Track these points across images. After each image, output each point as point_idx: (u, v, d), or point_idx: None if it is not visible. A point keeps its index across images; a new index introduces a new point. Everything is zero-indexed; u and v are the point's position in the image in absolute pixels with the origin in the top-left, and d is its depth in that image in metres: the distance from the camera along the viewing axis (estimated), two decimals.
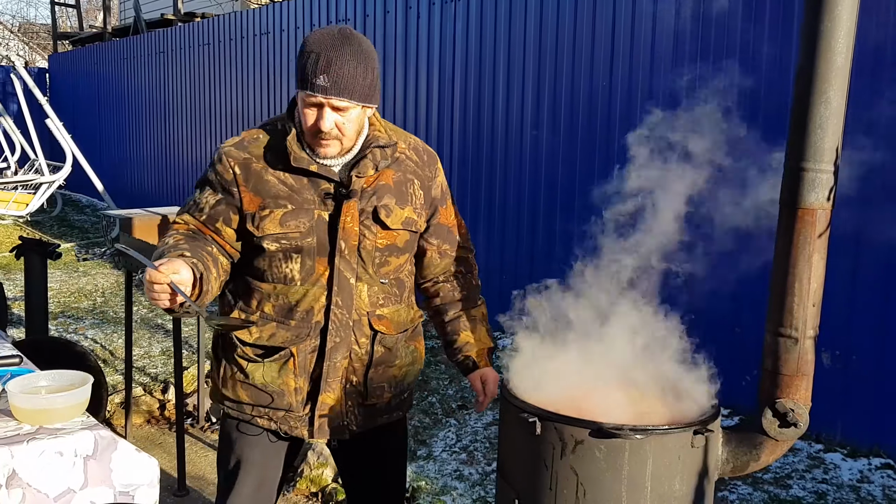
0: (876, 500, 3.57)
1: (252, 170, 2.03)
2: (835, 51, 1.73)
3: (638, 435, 1.70)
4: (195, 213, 2.09)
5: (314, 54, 1.90)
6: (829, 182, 1.78)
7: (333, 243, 2.03)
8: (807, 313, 1.81)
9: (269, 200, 2.02)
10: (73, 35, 17.16)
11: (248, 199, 2.03)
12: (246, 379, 2.12)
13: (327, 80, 1.90)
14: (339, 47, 1.91)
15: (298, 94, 1.98)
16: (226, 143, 2.10)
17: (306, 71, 1.91)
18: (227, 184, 2.05)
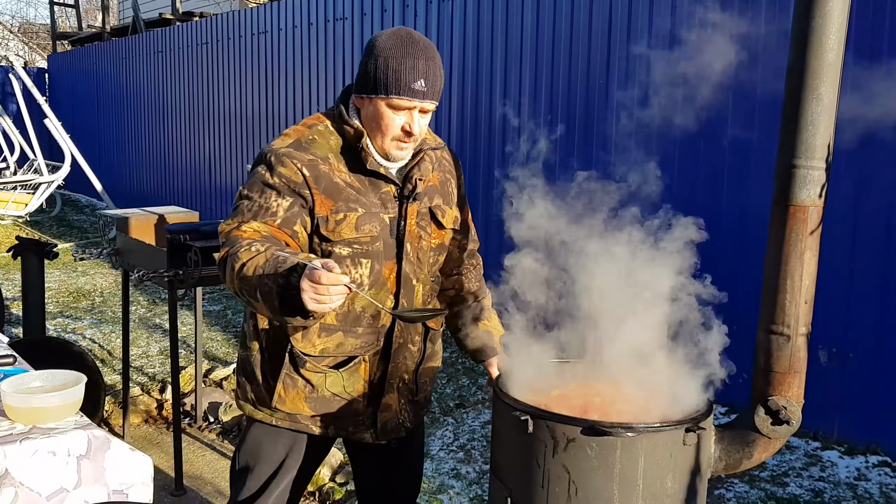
0: (873, 497, 3.57)
1: (321, 171, 1.97)
2: (826, 47, 1.73)
3: (629, 433, 1.70)
4: (267, 219, 1.93)
5: (408, 59, 1.90)
6: (820, 179, 1.77)
7: (399, 246, 2.06)
8: (799, 310, 1.81)
9: (341, 203, 1.98)
10: (71, 35, 17.16)
11: (320, 202, 1.97)
12: (313, 392, 2.09)
13: (425, 85, 1.93)
14: (427, 51, 1.94)
15: (379, 100, 1.94)
16: (278, 145, 1.99)
17: (402, 76, 1.90)
18: (297, 186, 1.95)
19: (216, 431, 4.58)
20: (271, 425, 2.15)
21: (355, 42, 7.36)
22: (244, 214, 1.94)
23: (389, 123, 1.96)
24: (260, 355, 2.12)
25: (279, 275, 1.71)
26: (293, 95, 8.44)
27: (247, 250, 1.82)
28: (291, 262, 1.72)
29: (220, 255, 1.90)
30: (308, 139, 2.00)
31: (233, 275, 1.81)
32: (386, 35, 1.95)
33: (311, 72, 8.08)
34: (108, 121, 13.39)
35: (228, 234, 1.93)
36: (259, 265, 1.76)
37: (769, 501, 3.52)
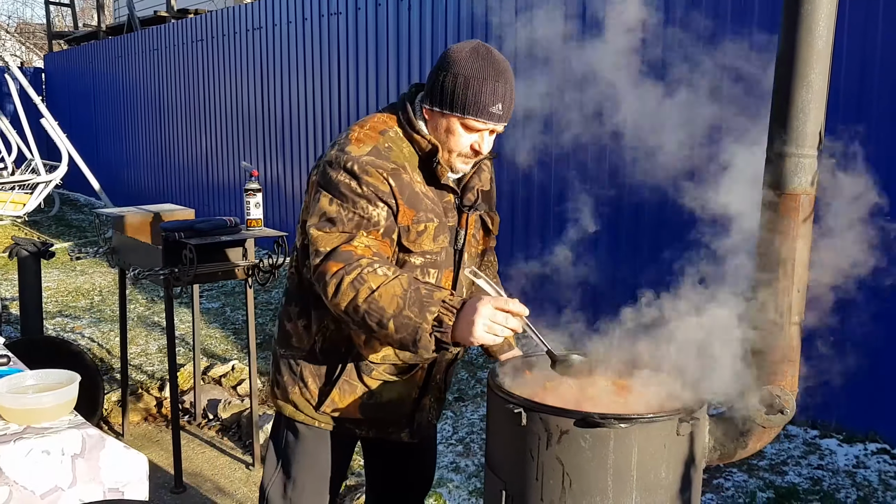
0: (872, 485, 3.57)
1: (403, 180, 1.94)
2: (815, 34, 1.72)
3: (623, 424, 1.69)
4: (371, 230, 1.89)
5: (488, 82, 1.89)
6: (812, 167, 1.76)
7: (458, 255, 2.08)
8: (792, 299, 1.81)
9: (421, 214, 1.96)
10: (67, 34, 17.14)
11: (403, 212, 1.94)
12: (370, 399, 2.09)
13: (502, 109, 1.92)
14: (506, 73, 1.92)
15: (454, 118, 1.93)
16: (357, 153, 1.92)
17: (481, 99, 1.88)
18: (385, 196, 1.91)
19: (215, 428, 4.58)
20: (312, 427, 2.14)
21: (350, 37, 7.34)
22: (345, 224, 1.88)
23: (459, 141, 1.96)
24: (312, 358, 2.10)
25: (427, 310, 1.73)
26: (289, 91, 8.43)
27: (373, 273, 1.79)
28: (439, 298, 1.75)
29: (330, 270, 1.82)
30: (385, 147, 1.96)
31: (355, 297, 1.78)
32: (466, 51, 1.92)
33: (306, 67, 8.07)
34: (106, 119, 13.38)
35: (337, 248, 1.85)
36: (396, 295, 1.75)
37: (768, 490, 3.52)
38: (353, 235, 1.87)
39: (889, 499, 3.45)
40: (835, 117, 3.66)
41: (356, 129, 2.00)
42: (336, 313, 1.86)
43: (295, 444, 2.19)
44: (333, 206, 1.90)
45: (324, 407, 2.09)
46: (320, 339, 2.08)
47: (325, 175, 1.95)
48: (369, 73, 7.09)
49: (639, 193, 4.68)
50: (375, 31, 6.97)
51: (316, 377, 2.10)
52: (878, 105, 3.83)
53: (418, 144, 1.99)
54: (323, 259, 1.86)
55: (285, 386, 2.15)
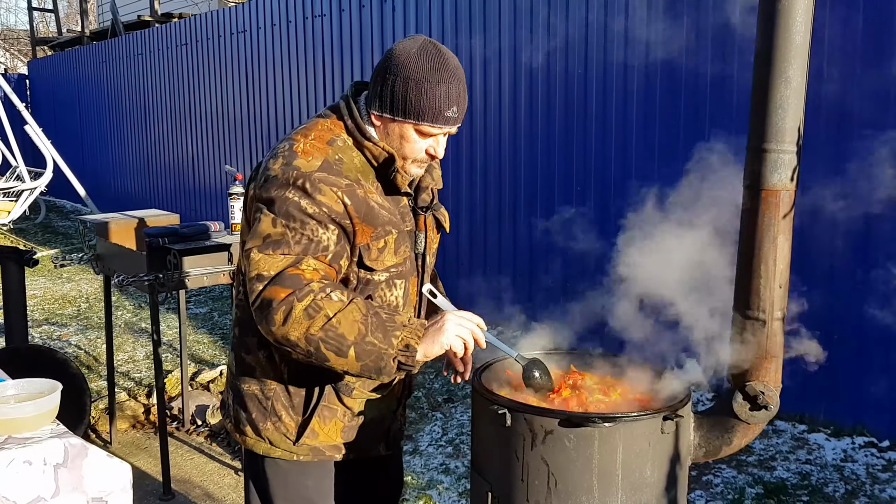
0: (860, 478, 3.58)
1: (358, 196, 1.81)
2: (793, 30, 1.72)
3: (607, 423, 1.69)
4: (319, 254, 1.76)
5: (442, 85, 1.79)
6: (791, 162, 1.76)
7: (420, 259, 2.00)
8: (773, 295, 1.81)
9: (379, 229, 1.85)
10: (51, 40, 17.04)
11: (361, 231, 1.82)
12: (352, 420, 1.99)
13: (457, 112, 1.84)
14: (458, 72, 1.83)
15: (408, 124, 1.82)
16: (307, 167, 1.77)
17: (435, 104, 1.79)
18: (339, 217, 1.77)
19: (204, 434, 4.55)
20: (291, 461, 1.99)
21: (334, 38, 7.33)
22: (290, 247, 1.73)
23: (414, 147, 1.86)
24: (283, 389, 1.95)
25: (391, 335, 1.69)
26: (274, 93, 8.40)
27: (327, 299, 1.68)
28: (401, 322, 1.71)
29: (278, 296, 1.69)
30: (336, 159, 1.81)
31: (309, 326, 1.66)
32: (414, 51, 1.80)
33: (291, 69, 8.04)
34: (91, 125, 13.30)
35: (283, 272, 1.71)
36: (357, 321, 1.67)
37: (757, 486, 3.53)
38: (299, 259, 1.73)
39: (877, 491, 3.47)
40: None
41: (300, 140, 1.84)
42: (277, 342, 1.72)
43: (275, 481, 2.03)
44: (278, 228, 1.74)
45: (303, 439, 1.95)
46: (286, 369, 1.93)
47: (268, 192, 1.78)
48: (354, 75, 7.07)
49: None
50: (360, 32, 6.95)
51: (289, 409, 1.95)
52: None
53: (370, 153, 1.86)
54: (267, 284, 1.71)
55: (255, 422, 1.98)
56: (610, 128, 4.99)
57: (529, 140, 5.55)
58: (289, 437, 1.96)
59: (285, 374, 1.94)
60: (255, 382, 1.97)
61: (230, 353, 2.08)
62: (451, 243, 6.15)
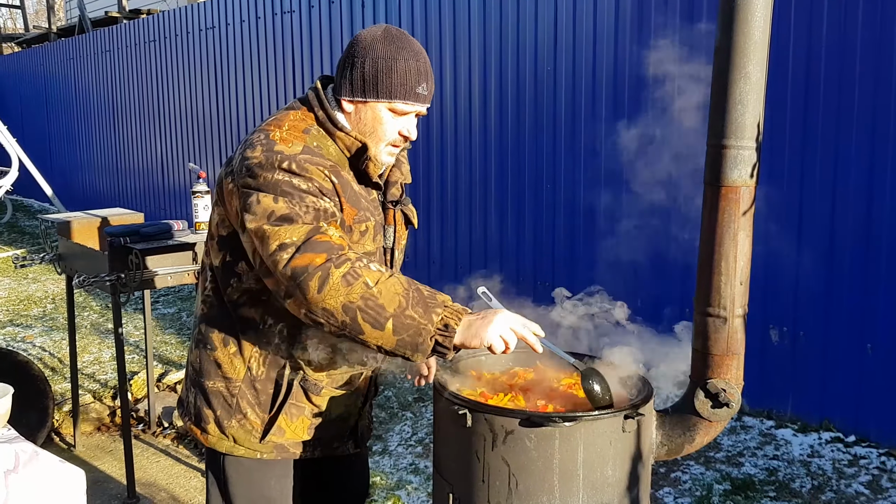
0: (826, 473, 3.60)
1: (343, 178, 1.82)
2: (752, 25, 1.71)
3: (567, 423, 1.67)
4: (331, 220, 1.73)
5: (411, 62, 1.80)
6: (751, 158, 1.75)
7: (389, 254, 1.99)
8: (734, 292, 1.80)
9: (361, 213, 1.86)
10: (18, 37, 16.76)
11: (347, 211, 1.82)
12: (319, 416, 1.96)
13: (426, 89, 1.84)
14: (423, 53, 1.84)
15: (381, 103, 1.82)
16: (290, 151, 1.75)
17: (407, 80, 1.80)
18: (329, 193, 1.76)
19: (170, 436, 4.48)
20: (254, 459, 1.97)
21: (304, 35, 7.26)
22: (302, 217, 1.68)
23: (388, 129, 1.85)
24: (249, 386, 1.92)
25: (432, 311, 1.63)
26: (243, 91, 8.32)
27: (366, 268, 1.64)
28: (442, 300, 1.65)
29: (313, 262, 1.63)
30: (314, 146, 1.81)
31: (348, 293, 1.60)
32: (379, 34, 1.82)
33: (260, 66, 7.97)
34: (58, 123, 13.10)
35: (311, 239, 1.66)
36: (398, 293, 1.62)
37: (724, 482, 3.54)
38: (317, 227, 1.68)
39: (843, 486, 3.49)
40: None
41: (274, 130, 1.82)
42: (309, 313, 1.64)
43: (236, 479, 2.00)
44: (281, 204, 1.70)
45: (269, 436, 1.93)
46: (255, 365, 1.91)
47: (255, 178, 1.74)
48: (324, 72, 7.00)
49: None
50: (329, 29, 6.89)
51: (255, 406, 1.93)
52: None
53: (343, 142, 1.86)
54: (296, 252, 1.64)
55: (220, 420, 1.95)
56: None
57: (500, 136, 5.53)
58: (254, 435, 1.94)
59: (252, 371, 1.92)
60: (220, 379, 1.94)
61: (193, 350, 2.03)
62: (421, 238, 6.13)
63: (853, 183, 3.80)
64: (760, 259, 3.26)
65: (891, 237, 3.69)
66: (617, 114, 4.72)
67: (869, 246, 3.77)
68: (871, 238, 3.76)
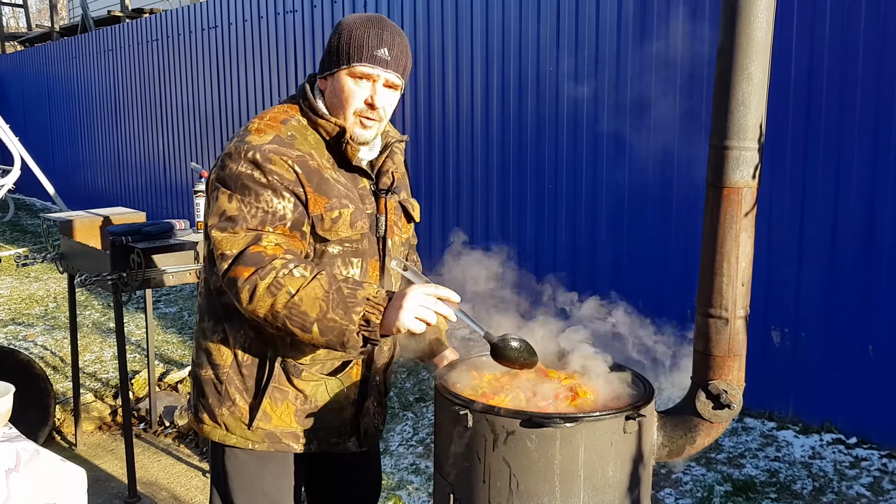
0: (827, 475, 3.59)
1: (310, 167, 1.84)
2: (754, 26, 1.70)
3: (568, 423, 1.67)
4: (277, 224, 1.78)
5: (372, 30, 1.84)
6: (753, 159, 1.75)
7: (381, 243, 1.99)
8: (736, 293, 1.79)
9: (334, 200, 1.86)
10: (21, 35, 16.78)
11: (314, 200, 1.84)
12: (305, 404, 1.96)
13: (388, 54, 1.85)
14: (394, 27, 1.88)
15: (342, 71, 1.86)
16: (258, 141, 1.82)
17: (364, 43, 1.83)
18: (291, 184, 1.80)
19: (172, 436, 4.49)
20: (248, 450, 1.98)
21: (306, 34, 7.26)
22: (248, 221, 1.77)
23: (350, 96, 1.86)
24: (236, 372, 1.95)
25: (352, 311, 1.67)
26: (245, 90, 8.32)
27: (289, 276, 1.70)
28: (363, 296, 1.68)
29: (241, 275, 1.72)
30: (288, 136, 1.85)
31: (273, 304, 1.68)
32: (356, 18, 1.89)
33: (262, 65, 7.97)
34: (61, 122, 13.11)
35: (245, 251, 1.74)
36: (318, 297, 1.67)
37: (725, 483, 3.53)
38: (259, 234, 1.76)
39: (844, 488, 3.48)
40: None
41: (256, 121, 1.90)
42: (253, 320, 1.76)
43: (233, 474, 2.02)
44: (233, 203, 1.79)
45: (256, 422, 1.95)
46: (240, 350, 1.95)
47: (223, 168, 1.83)
48: None
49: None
50: (332, 26, 6.89)
51: (243, 392, 1.96)
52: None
53: (323, 129, 1.89)
54: (231, 263, 1.75)
55: (211, 408, 1.99)
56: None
57: (501, 136, 5.53)
58: (243, 422, 1.97)
59: (238, 356, 1.95)
60: (210, 367, 1.99)
61: (194, 342, 2.10)
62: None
63: (855, 184, 3.80)
64: (762, 260, 3.27)
65: (892, 238, 3.69)
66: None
67: (870, 247, 3.76)
68: (873, 239, 3.75)
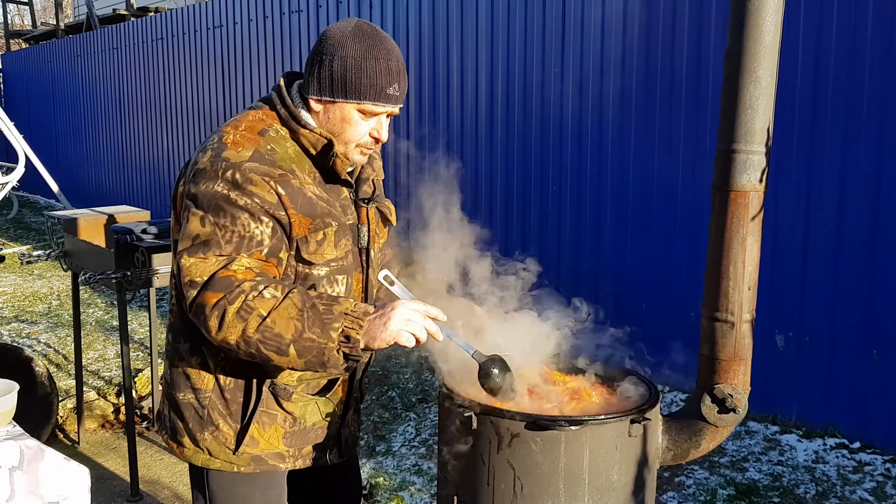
0: (830, 479, 3.59)
1: (293, 187, 1.74)
2: (763, 29, 1.70)
3: (573, 426, 1.67)
4: (253, 251, 1.68)
5: (380, 62, 1.74)
6: (760, 163, 1.75)
7: (364, 254, 1.92)
8: (742, 297, 1.79)
9: (318, 221, 1.78)
10: (26, 33, 16.81)
11: (298, 222, 1.75)
12: (294, 425, 1.91)
13: (398, 90, 1.78)
14: (395, 51, 1.78)
15: (349, 104, 1.76)
16: (236, 158, 1.70)
17: (376, 81, 1.73)
18: (272, 208, 1.70)
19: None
20: (231, 473, 1.90)
21: (311, 34, 7.27)
22: (222, 247, 1.66)
23: (357, 130, 1.79)
24: (218, 396, 1.87)
25: (330, 328, 1.60)
26: (250, 89, 8.32)
27: (260, 298, 1.61)
28: (340, 311, 1.61)
29: (209, 302, 1.62)
30: (268, 149, 1.74)
31: (244, 329, 1.60)
32: (349, 31, 1.75)
33: (267, 65, 7.97)
34: (65, 119, 13.13)
35: (214, 276, 1.64)
36: (292, 317, 1.60)
37: (728, 487, 3.52)
38: (231, 258, 1.66)
39: (847, 493, 3.47)
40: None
41: (230, 132, 1.78)
42: (225, 347, 1.67)
43: (220, 494, 1.93)
44: (207, 227, 1.67)
45: (243, 447, 1.87)
46: (222, 375, 1.85)
47: (197, 186, 1.71)
48: None
49: None
50: None
51: (227, 417, 1.87)
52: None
53: (307, 140, 1.79)
54: (200, 290, 1.64)
55: (192, 433, 1.89)
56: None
57: (506, 138, 5.53)
58: (228, 447, 1.88)
59: (220, 380, 1.86)
60: (189, 391, 1.88)
61: (165, 362, 1.99)
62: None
63: (860, 188, 3.79)
64: (766, 263, 3.25)
65: None
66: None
67: (876, 251, 3.75)
68: (878, 243, 3.74)
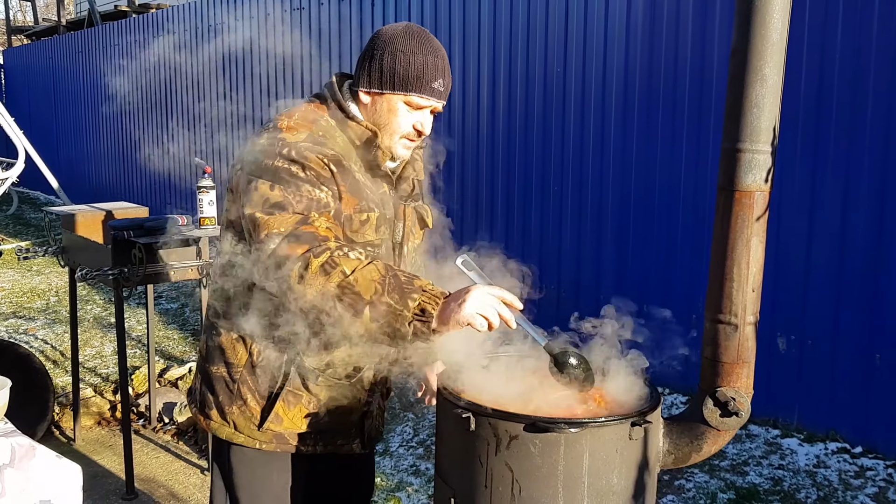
0: (832, 484, 3.56)
1: (344, 167, 1.83)
2: (770, 27, 1.67)
3: (573, 428, 1.64)
4: (324, 211, 1.74)
5: (429, 57, 1.85)
6: (766, 163, 1.72)
7: (397, 249, 1.98)
8: (746, 299, 1.76)
9: (364, 203, 1.85)
10: (27, 29, 16.80)
11: (346, 200, 1.82)
12: (318, 407, 1.95)
13: (443, 85, 1.88)
14: (442, 51, 1.90)
15: (396, 96, 1.85)
16: (291, 139, 1.80)
17: (424, 75, 1.84)
18: (327, 182, 1.78)
19: (171, 432, 4.46)
20: (255, 449, 1.97)
21: (313, 32, 7.24)
22: (294, 206, 1.72)
23: (402, 121, 1.88)
24: (250, 372, 1.93)
25: (408, 297, 1.59)
26: (251, 87, 8.30)
27: (345, 257, 1.64)
28: (419, 286, 1.61)
29: (294, 253, 1.66)
30: (319, 135, 1.85)
31: (326, 282, 1.62)
32: (400, 30, 1.87)
33: (269, 62, 7.95)
34: (66, 115, 13.11)
35: (297, 228, 1.69)
36: (374, 280, 1.61)
37: (729, 491, 3.50)
38: (307, 216, 1.72)
39: (849, 498, 3.44)
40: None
41: (284, 119, 1.88)
42: (293, 300, 1.68)
43: (239, 469, 2.01)
44: (276, 192, 1.74)
45: (267, 423, 1.94)
46: (256, 351, 1.92)
47: (258, 165, 1.79)
48: (332, 69, 6.99)
49: None
50: (339, 25, 6.87)
51: (255, 392, 1.94)
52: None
53: (354, 132, 1.89)
54: (281, 241, 1.68)
55: (221, 405, 1.97)
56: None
57: (507, 138, 5.50)
58: (253, 422, 1.95)
59: (253, 356, 1.93)
60: (222, 365, 1.96)
61: (202, 336, 2.08)
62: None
63: (864, 190, 3.76)
64: (769, 265, 3.23)
65: None
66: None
67: (879, 254, 3.72)
68: (881, 246, 3.71)
